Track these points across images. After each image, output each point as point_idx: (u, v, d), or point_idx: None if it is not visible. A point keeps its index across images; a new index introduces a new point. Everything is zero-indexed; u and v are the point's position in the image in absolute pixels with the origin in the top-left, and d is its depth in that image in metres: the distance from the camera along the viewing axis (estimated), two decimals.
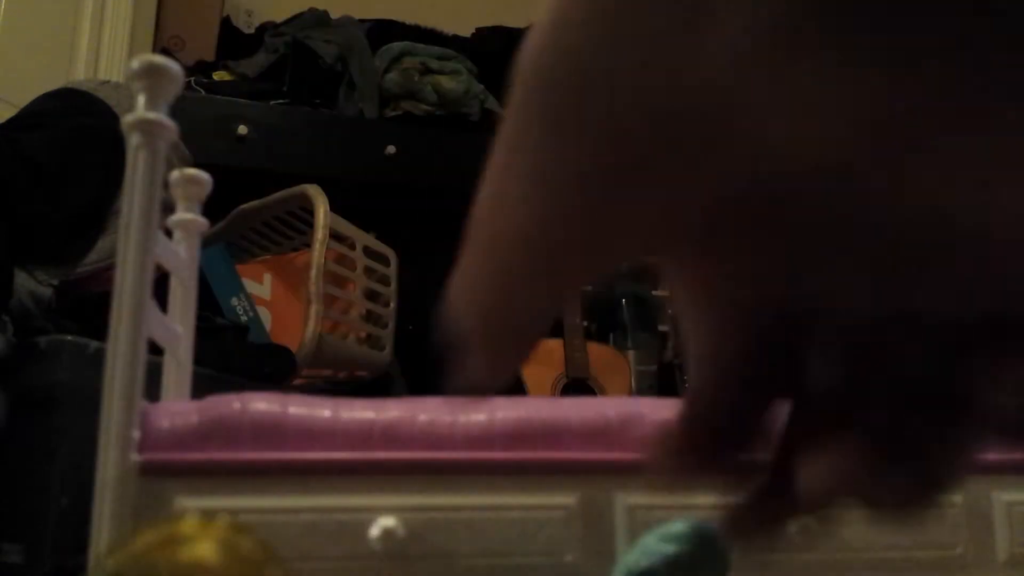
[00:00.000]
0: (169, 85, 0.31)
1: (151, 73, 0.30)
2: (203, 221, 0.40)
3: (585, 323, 1.70)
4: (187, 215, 0.40)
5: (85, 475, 0.30)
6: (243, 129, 1.66)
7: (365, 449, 0.31)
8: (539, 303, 0.17)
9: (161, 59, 0.31)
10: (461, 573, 0.30)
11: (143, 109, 0.30)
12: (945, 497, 0.18)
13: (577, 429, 0.32)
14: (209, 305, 1.31)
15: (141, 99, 0.30)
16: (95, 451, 0.29)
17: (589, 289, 1.73)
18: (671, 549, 0.26)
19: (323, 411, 0.32)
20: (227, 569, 0.22)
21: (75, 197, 1.10)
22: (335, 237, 1.31)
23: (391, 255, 1.46)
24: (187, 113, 1.53)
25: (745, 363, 0.18)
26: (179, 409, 0.31)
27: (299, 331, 1.25)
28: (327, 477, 0.31)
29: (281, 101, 1.76)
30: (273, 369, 1.18)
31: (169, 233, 0.39)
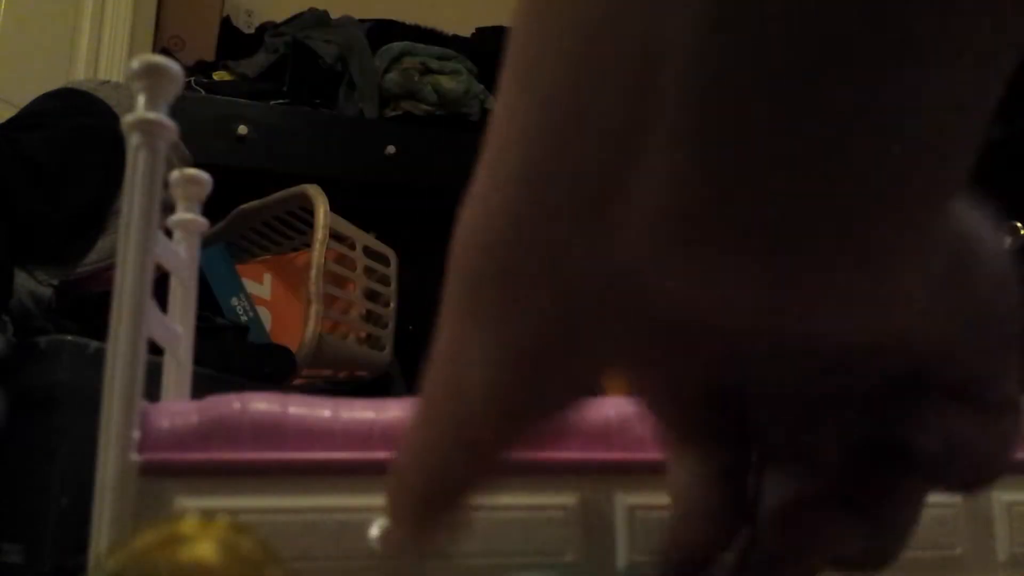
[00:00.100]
0: (169, 85, 0.31)
1: (151, 73, 0.30)
2: (203, 221, 0.40)
3: None
4: (187, 215, 0.40)
5: (85, 475, 0.30)
6: (243, 129, 1.67)
7: (365, 449, 0.31)
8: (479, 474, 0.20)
9: (161, 59, 0.31)
10: (461, 573, 0.30)
11: (143, 109, 0.30)
12: (902, 551, 0.20)
13: (577, 429, 0.32)
14: (209, 305, 1.31)
15: (141, 99, 0.30)
16: (95, 451, 0.29)
17: None
18: None
19: (323, 411, 0.32)
20: (227, 569, 0.22)
21: (75, 197, 1.10)
22: (335, 237, 1.31)
23: (391, 255, 1.46)
24: (187, 113, 1.53)
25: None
26: (179, 409, 0.31)
27: (299, 331, 1.25)
28: (327, 477, 0.31)
29: (281, 101, 1.76)
30: (273, 369, 1.18)
31: (169, 233, 0.39)
